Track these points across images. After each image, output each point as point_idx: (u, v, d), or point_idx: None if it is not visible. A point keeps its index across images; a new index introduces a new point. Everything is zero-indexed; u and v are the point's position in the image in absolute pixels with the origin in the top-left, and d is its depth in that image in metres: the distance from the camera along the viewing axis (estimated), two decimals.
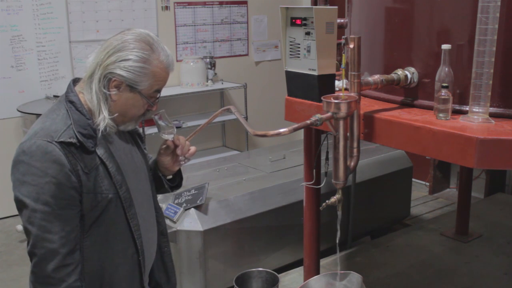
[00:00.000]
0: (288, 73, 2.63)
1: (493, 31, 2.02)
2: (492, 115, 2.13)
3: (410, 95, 2.45)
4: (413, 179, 4.78)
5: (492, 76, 2.06)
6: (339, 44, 2.65)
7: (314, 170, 2.84)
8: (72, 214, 1.59)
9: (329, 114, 2.17)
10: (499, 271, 3.67)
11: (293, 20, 2.50)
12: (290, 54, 2.56)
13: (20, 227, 4.65)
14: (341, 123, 2.21)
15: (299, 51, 2.51)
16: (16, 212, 4.89)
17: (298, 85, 2.59)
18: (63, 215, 1.57)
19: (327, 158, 2.56)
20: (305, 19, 2.43)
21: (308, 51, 2.46)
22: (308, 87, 2.52)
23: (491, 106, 2.13)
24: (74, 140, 1.59)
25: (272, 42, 6.72)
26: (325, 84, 2.47)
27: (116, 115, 1.66)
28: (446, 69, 2.18)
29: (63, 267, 1.58)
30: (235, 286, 2.59)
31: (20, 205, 1.61)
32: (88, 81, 1.66)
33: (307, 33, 2.44)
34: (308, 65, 2.47)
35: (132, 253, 1.75)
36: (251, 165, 4.09)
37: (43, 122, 1.65)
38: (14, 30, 5.06)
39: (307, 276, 3.09)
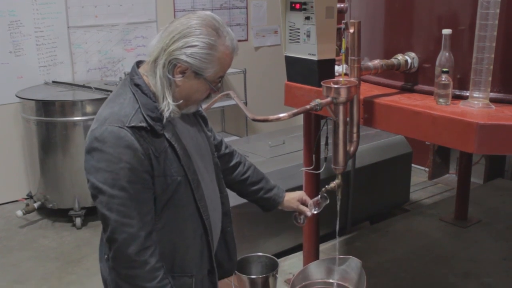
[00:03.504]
0: (287, 58, 2.62)
1: (494, 15, 2.01)
2: (492, 100, 2.13)
3: (410, 80, 2.44)
4: (412, 165, 4.78)
5: (493, 61, 2.06)
6: (339, 29, 2.63)
7: (314, 155, 2.84)
8: (147, 197, 1.63)
9: (328, 99, 2.17)
10: (498, 256, 3.68)
11: (293, 5, 2.48)
12: (290, 39, 2.55)
13: (19, 213, 4.66)
14: (341, 108, 2.20)
15: (298, 36, 2.50)
16: (16, 198, 4.85)
17: (297, 70, 2.58)
18: (139, 199, 1.60)
19: (326, 143, 2.55)
20: (304, 3, 2.41)
21: (308, 36, 2.45)
22: (308, 72, 2.51)
23: (491, 91, 2.12)
24: (144, 124, 1.60)
25: (271, 28, 6.69)
26: (324, 69, 2.46)
27: (180, 102, 1.66)
28: (447, 54, 2.17)
29: (144, 249, 1.61)
30: (235, 271, 2.59)
31: (97, 191, 1.61)
32: (152, 65, 1.65)
33: (307, 18, 2.43)
34: (308, 50, 2.46)
35: (201, 233, 1.78)
36: (251, 151, 4.08)
37: (111, 108, 1.65)
38: (12, 15, 5.02)
39: (307, 261, 3.10)
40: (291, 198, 2.19)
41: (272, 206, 2.20)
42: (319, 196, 2.20)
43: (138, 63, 1.76)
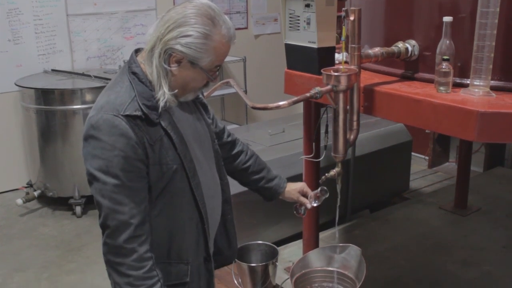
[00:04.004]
0: (287, 46, 2.61)
1: (496, 3, 1.99)
2: (493, 88, 2.12)
3: (411, 68, 2.43)
4: (412, 153, 4.78)
5: (494, 49, 2.05)
6: (339, 17, 2.62)
7: (314, 144, 2.84)
8: (141, 186, 1.64)
9: (329, 87, 2.16)
10: (497, 244, 3.69)
11: None
12: (290, 27, 2.54)
13: (20, 201, 4.67)
14: (341, 96, 2.19)
15: (298, 23, 2.49)
16: (16, 187, 4.87)
17: (297, 58, 2.57)
18: (132, 187, 1.61)
19: (326, 132, 2.55)
20: None
21: (308, 23, 2.43)
22: (308, 60, 2.50)
23: (492, 79, 2.11)
24: (139, 113, 1.61)
25: (271, 15, 6.66)
26: (325, 57, 2.46)
27: (176, 91, 1.67)
28: (447, 41, 2.16)
29: (134, 237, 1.62)
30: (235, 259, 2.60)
31: (91, 178, 1.64)
32: (149, 55, 1.65)
33: (307, 5, 2.41)
34: (308, 37, 2.45)
35: (197, 221, 1.79)
36: (251, 139, 4.08)
37: (108, 96, 1.66)
38: (10, 3, 5.00)
39: (306, 249, 3.10)
40: (292, 189, 2.20)
41: (273, 196, 2.21)
42: (319, 189, 2.20)
43: (137, 51, 1.76)
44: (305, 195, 2.19)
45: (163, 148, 1.66)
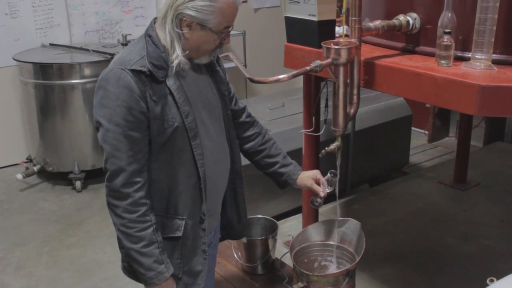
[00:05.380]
0: (287, 19, 2.58)
1: None
2: (494, 62, 2.11)
3: (412, 42, 2.41)
4: (412, 128, 4.78)
5: (496, 22, 2.03)
6: None
7: (314, 118, 2.83)
8: (140, 137, 1.75)
9: (329, 60, 2.14)
10: (496, 219, 3.70)
11: None
12: (290, 0, 2.51)
13: (19, 176, 4.67)
14: (341, 69, 2.18)
15: None
16: (16, 162, 4.88)
17: (297, 31, 2.55)
18: (131, 136, 1.73)
19: (326, 106, 2.54)
20: None
21: None
22: (308, 33, 2.48)
23: (494, 52, 2.10)
24: (144, 69, 1.73)
25: None
26: (325, 30, 2.44)
27: (187, 52, 1.77)
28: (449, 14, 2.14)
29: (129, 183, 1.75)
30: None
31: (98, 124, 1.77)
32: (162, 21, 1.77)
33: None
34: (308, 10, 2.43)
35: (195, 181, 1.87)
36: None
37: (123, 53, 1.81)
38: None
39: (306, 223, 3.12)
40: (306, 176, 2.21)
41: (286, 182, 2.23)
42: (329, 174, 2.20)
43: (155, 19, 1.87)
44: (318, 182, 2.19)
45: (166, 105, 1.77)
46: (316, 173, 2.20)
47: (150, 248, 1.79)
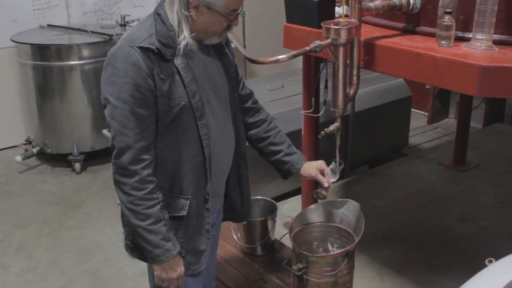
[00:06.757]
0: None
1: None
2: (495, 42, 2.09)
3: (412, 22, 2.39)
4: (412, 109, 4.77)
5: (497, 1, 2.01)
6: None
7: (313, 99, 2.82)
8: (147, 114, 1.75)
9: (328, 40, 2.13)
10: (495, 200, 3.71)
11: None
12: None
13: (19, 158, 4.66)
14: (341, 50, 2.17)
15: None
16: (15, 143, 4.86)
17: (297, 11, 2.53)
18: (139, 113, 1.74)
19: (326, 87, 2.53)
20: None
21: None
22: (308, 13, 2.46)
23: (495, 33, 2.08)
24: (152, 47, 1.73)
25: None
26: (325, 10, 2.42)
27: (194, 34, 1.77)
28: None
29: (137, 161, 1.76)
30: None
31: (106, 102, 1.77)
32: (170, 1, 1.77)
33: None
34: None
35: (200, 161, 1.87)
36: None
37: (132, 30, 1.82)
38: None
39: (305, 204, 3.12)
40: (310, 166, 2.19)
41: (289, 171, 2.22)
42: (333, 163, 2.19)
43: None
44: (322, 172, 2.18)
45: (173, 84, 1.77)
46: (320, 163, 2.18)
47: (158, 226, 1.80)
